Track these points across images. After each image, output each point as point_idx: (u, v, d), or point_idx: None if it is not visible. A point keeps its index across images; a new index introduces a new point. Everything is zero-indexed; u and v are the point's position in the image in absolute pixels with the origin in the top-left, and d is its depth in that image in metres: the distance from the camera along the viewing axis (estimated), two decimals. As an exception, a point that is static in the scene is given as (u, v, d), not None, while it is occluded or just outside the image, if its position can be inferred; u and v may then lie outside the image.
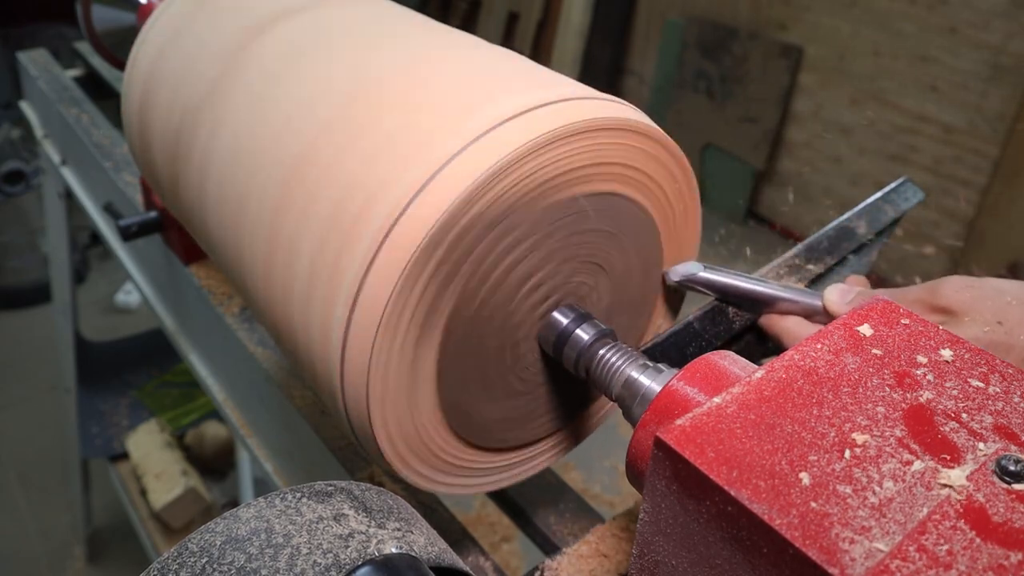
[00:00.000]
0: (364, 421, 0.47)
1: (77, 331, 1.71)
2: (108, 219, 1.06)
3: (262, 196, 0.52)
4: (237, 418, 0.88)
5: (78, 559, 2.06)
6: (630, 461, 0.41)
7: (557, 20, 3.85)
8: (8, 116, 2.42)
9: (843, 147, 3.35)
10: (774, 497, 0.30)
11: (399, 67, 0.52)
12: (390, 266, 0.43)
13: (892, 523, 0.29)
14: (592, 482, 2.28)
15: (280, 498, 0.33)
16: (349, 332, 0.45)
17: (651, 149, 0.51)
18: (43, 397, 2.48)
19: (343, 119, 0.50)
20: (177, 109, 0.62)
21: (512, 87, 0.48)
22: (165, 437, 1.92)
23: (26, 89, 1.41)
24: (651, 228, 0.54)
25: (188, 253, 0.89)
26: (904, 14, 3.03)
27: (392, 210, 0.44)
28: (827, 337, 0.39)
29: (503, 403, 0.53)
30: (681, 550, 0.34)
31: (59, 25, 2.97)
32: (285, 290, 0.50)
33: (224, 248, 0.58)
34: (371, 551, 0.32)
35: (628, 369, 0.47)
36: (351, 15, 0.60)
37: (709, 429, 0.33)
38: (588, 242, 0.51)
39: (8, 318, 2.80)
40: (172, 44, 0.65)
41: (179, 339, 0.98)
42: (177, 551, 0.31)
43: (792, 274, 0.63)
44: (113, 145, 1.10)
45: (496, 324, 0.49)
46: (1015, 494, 0.30)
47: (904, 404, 0.35)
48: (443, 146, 0.44)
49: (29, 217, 2.77)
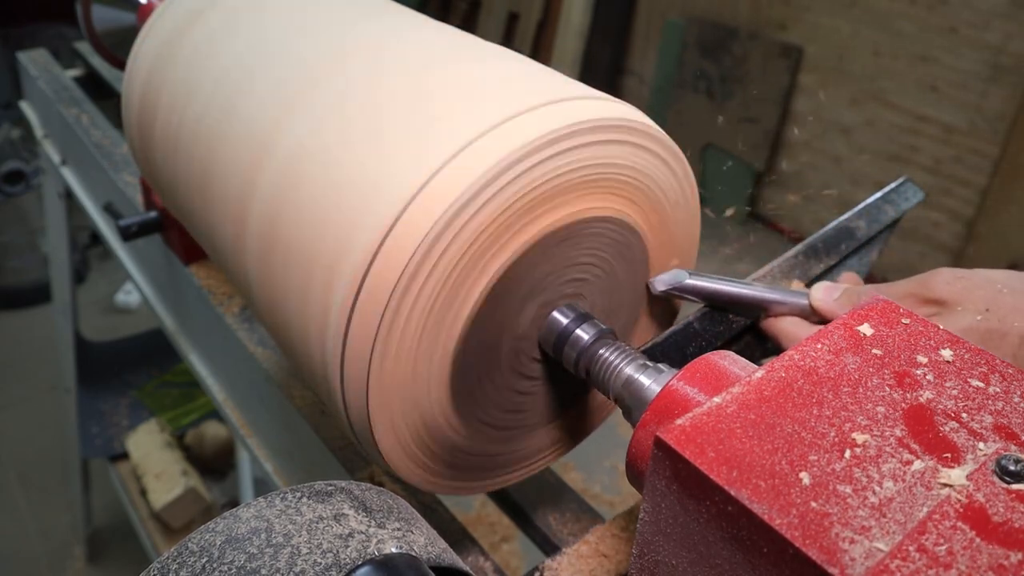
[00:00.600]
0: (364, 421, 0.47)
1: (77, 331, 1.71)
2: (108, 219, 1.06)
3: (264, 195, 0.52)
4: (237, 418, 0.88)
5: (78, 559, 2.06)
6: (630, 461, 0.41)
7: (557, 20, 3.85)
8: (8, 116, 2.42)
9: (843, 147, 3.35)
10: (774, 497, 0.30)
11: (399, 68, 0.52)
12: (390, 267, 0.43)
13: (892, 523, 0.29)
14: (592, 482, 2.28)
15: (280, 498, 0.33)
16: (349, 332, 0.45)
17: (652, 149, 0.51)
18: (43, 397, 2.48)
19: (340, 118, 0.50)
20: (177, 109, 0.62)
21: (512, 87, 0.48)
22: (165, 437, 1.92)
23: (26, 89, 1.41)
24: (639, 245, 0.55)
25: (188, 253, 0.89)
26: (904, 14, 3.04)
27: (392, 210, 0.44)
28: (827, 337, 0.39)
29: (503, 403, 0.53)
30: (681, 550, 0.34)
31: (59, 25, 2.97)
32: (284, 290, 0.50)
33: (224, 248, 0.58)
34: (371, 551, 0.32)
35: (628, 369, 0.47)
36: (355, 20, 0.60)
37: (709, 429, 0.33)
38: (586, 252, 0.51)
39: (8, 318, 2.80)
40: (172, 44, 0.65)
41: (179, 339, 0.98)
42: (177, 551, 0.31)
43: (792, 274, 0.63)
44: (113, 145, 1.10)
45: (496, 325, 0.49)
46: (1015, 494, 0.30)
47: (904, 404, 0.35)
48: (442, 147, 0.44)
49: (29, 217, 2.77)
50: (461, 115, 0.46)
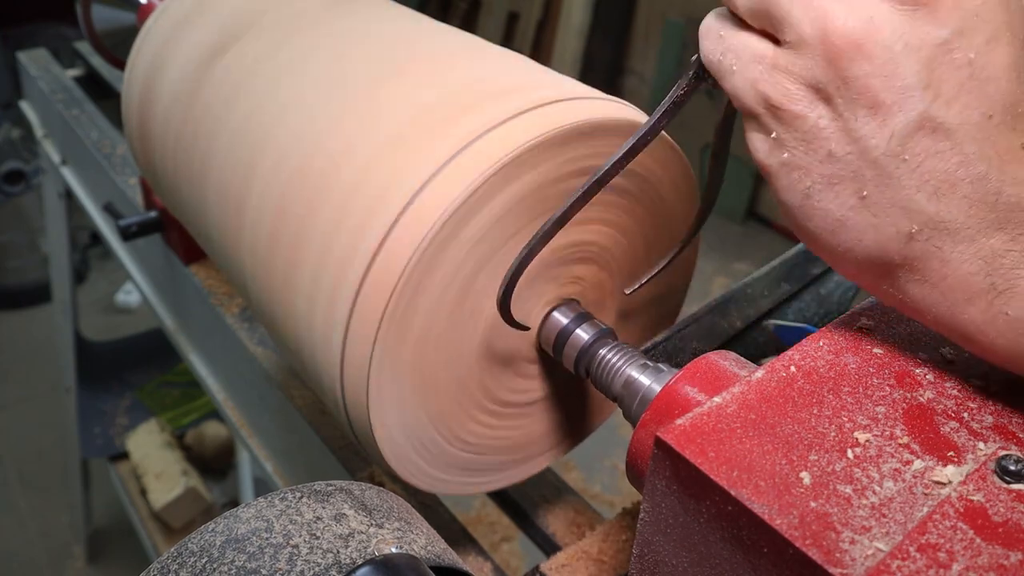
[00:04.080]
0: (364, 421, 0.47)
1: (77, 331, 1.71)
2: (108, 219, 1.06)
3: (263, 196, 0.52)
4: (237, 418, 0.88)
5: (78, 559, 2.06)
6: (630, 461, 0.41)
7: (557, 20, 3.85)
8: (8, 116, 2.42)
9: (843, 147, 3.33)
10: (774, 497, 0.30)
11: (399, 69, 0.52)
12: (390, 267, 0.43)
13: (892, 523, 0.29)
14: (592, 482, 2.28)
15: (280, 498, 0.33)
16: (349, 332, 0.45)
17: (652, 149, 0.51)
18: (43, 397, 2.48)
19: (342, 124, 0.50)
20: (177, 109, 0.62)
21: (512, 87, 0.48)
22: (165, 437, 1.92)
23: (26, 89, 1.41)
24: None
25: (188, 253, 0.89)
26: (904, 14, 3.03)
27: (392, 212, 0.44)
28: (827, 337, 0.39)
29: (503, 403, 0.53)
30: (681, 550, 0.34)
31: (59, 25, 2.97)
32: (286, 290, 0.50)
33: (224, 248, 0.58)
34: (371, 551, 0.32)
35: (628, 369, 0.47)
36: (352, 18, 0.60)
37: (709, 429, 0.33)
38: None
39: (8, 318, 2.80)
40: (172, 44, 0.65)
41: (179, 339, 0.98)
42: (177, 551, 0.31)
43: (792, 273, 0.63)
44: (113, 145, 1.10)
45: (496, 325, 0.49)
46: (1015, 494, 0.30)
47: (904, 404, 0.35)
48: (441, 148, 0.44)
49: (29, 217, 2.77)
50: (460, 116, 0.46)
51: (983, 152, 0.31)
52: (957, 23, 0.30)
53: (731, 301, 0.63)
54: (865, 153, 0.32)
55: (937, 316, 0.33)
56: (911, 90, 0.31)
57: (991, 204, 0.31)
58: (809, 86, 0.33)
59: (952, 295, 0.32)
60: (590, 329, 0.50)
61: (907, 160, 0.31)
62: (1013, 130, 0.31)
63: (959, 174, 0.31)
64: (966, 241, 0.31)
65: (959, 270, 0.32)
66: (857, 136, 0.32)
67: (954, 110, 0.31)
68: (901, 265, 0.33)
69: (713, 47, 0.36)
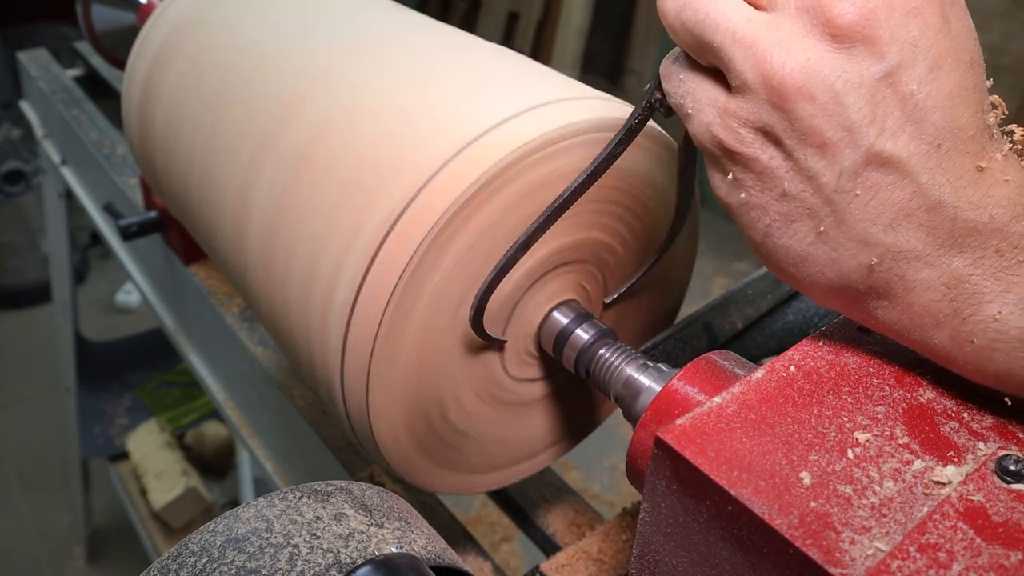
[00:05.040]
0: (364, 421, 0.47)
1: (77, 331, 1.71)
2: (108, 219, 1.07)
3: (262, 195, 0.52)
4: (237, 418, 0.88)
5: (78, 559, 2.06)
6: (630, 461, 0.41)
7: (557, 20, 3.85)
8: (8, 116, 2.42)
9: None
10: (774, 497, 0.30)
11: (398, 70, 0.52)
12: (391, 266, 0.43)
13: (892, 523, 0.29)
14: (592, 482, 2.28)
15: (280, 498, 0.33)
16: (350, 331, 0.45)
17: (652, 149, 0.51)
18: (43, 397, 2.48)
19: (342, 118, 0.50)
20: (177, 109, 0.62)
21: (511, 87, 0.48)
22: (165, 437, 1.92)
23: (26, 89, 1.41)
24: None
25: (188, 253, 0.89)
26: (904, 14, 3.03)
27: (389, 214, 0.44)
28: (827, 337, 0.39)
29: (503, 403, 0.53)
30: (681, 550, 0.34)
31: (59, 25, 2.97)
32: (285, 290, 0.50)
33: (225, 248, 0.58)
34: (371, 551, 0.32)
35: (628, 369, 0.47)
36: (357, 20, 0.60)
37: (709, 429, 0.33)
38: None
39: (8, 318, 2.80)
40: (172, 44, 0.65)
41: (179, 339, 0.98)
42: (177, 551, 0.31)
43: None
44: (113, 145, 1.10)
45: (496, 325, 0.49)
46: (1015, 494, 0.30)
47: (904, 404, 0.35)
48: (440, 149, 0.44)
49: (29, 217, 2.77)
50: (459, 117, 0.46)
51: (935, 180, 0.31)
52: (896, 56, 0.31)
53: (731, 301, 0.63)
54: (818, 191, 0.32)
55: (910, 340, 0.34)
56: (856, 126, 0.31)
57: (948, 230, 0.31)
58: (758, 129, 0.33)
59: (920, 320, 0.33)
60: (590, 329, 0.50)
61: (859, 195, 0.32)
62: (965, 154, 0.31)
63: (912, 204, 0.31)
64: (928, 267, 0.32)
65: (923, 297, 0.32)
66: (809, 175, 0.32)
67: (901, 142, 0.31)
68: (867, 293, 0.34)
69: (674, 90, 0.37)
